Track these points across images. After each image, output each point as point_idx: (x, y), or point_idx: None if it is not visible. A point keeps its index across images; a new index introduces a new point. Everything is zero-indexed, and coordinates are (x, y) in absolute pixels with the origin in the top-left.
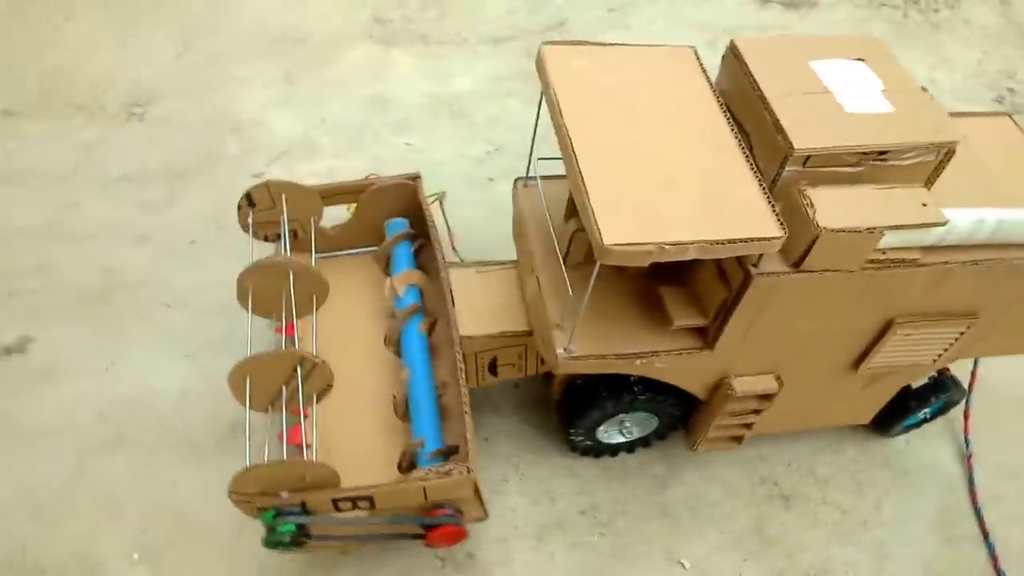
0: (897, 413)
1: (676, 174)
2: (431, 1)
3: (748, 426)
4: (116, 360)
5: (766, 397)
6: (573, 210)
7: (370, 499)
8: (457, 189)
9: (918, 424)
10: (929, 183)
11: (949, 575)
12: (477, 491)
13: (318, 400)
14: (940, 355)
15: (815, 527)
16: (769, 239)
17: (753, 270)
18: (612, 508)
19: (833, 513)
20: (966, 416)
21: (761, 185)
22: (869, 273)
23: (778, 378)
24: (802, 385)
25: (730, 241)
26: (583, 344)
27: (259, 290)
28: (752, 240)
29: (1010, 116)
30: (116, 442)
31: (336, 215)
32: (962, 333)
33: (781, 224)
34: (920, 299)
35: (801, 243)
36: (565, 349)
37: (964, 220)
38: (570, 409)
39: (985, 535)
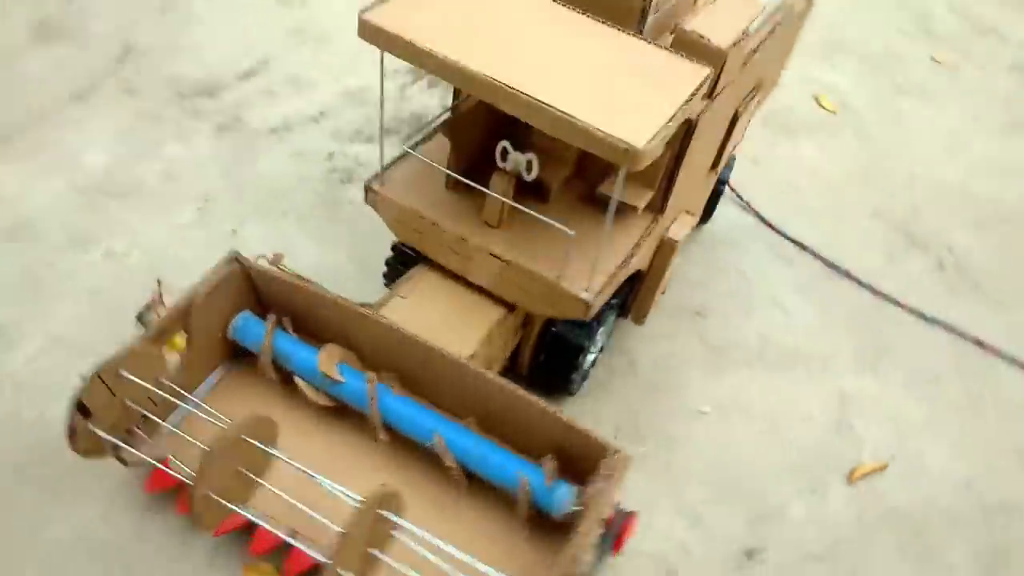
0: (714, 198)
1: (595, 65)
2: None
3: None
4: None
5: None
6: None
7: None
8: (208, 261)
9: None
10: None
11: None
12: None
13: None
14: (745, 128)
15: (733, 308)
16: (706, 78)
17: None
18: (625, 417)
19: (731, 299)
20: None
21: (650, 42)
22: (739, 72)
23: (688, 211)
24: (693, 207)
25: (692, 95)
26: (596, 278)
27: (220, 484)
28: (701, 85)
29: None
30: None
31: None
32: (758, 102)
33: (700, 64)
34: (748, 82)
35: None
36: (587, 290)
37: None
38: (565, 358)
39: (803, 247)
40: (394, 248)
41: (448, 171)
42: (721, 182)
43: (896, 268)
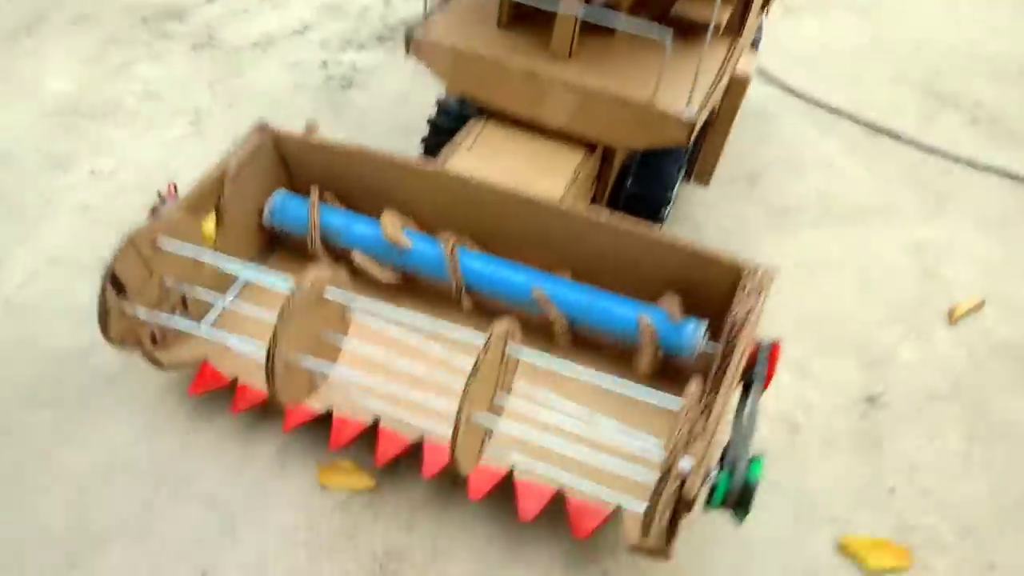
0: None
1: None
2: None
3: None
4: None
5: None
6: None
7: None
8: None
9: None
10: None
11: None
12: None
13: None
14: None
15: (785, 172)
16: None
17: None
18: None
19: (781, 164)
20: None
21: None
22: None
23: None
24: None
25: None
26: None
27: (297, 340)
28: None
29: None
30: None
31: None
32: None
33: None
34: None
35: None
36: (687, 109)
37: None
38: (660, 179)
39: (838, 111)
40: (431, 122)
41: None
42: (754, 43)
43: (932, 125)
